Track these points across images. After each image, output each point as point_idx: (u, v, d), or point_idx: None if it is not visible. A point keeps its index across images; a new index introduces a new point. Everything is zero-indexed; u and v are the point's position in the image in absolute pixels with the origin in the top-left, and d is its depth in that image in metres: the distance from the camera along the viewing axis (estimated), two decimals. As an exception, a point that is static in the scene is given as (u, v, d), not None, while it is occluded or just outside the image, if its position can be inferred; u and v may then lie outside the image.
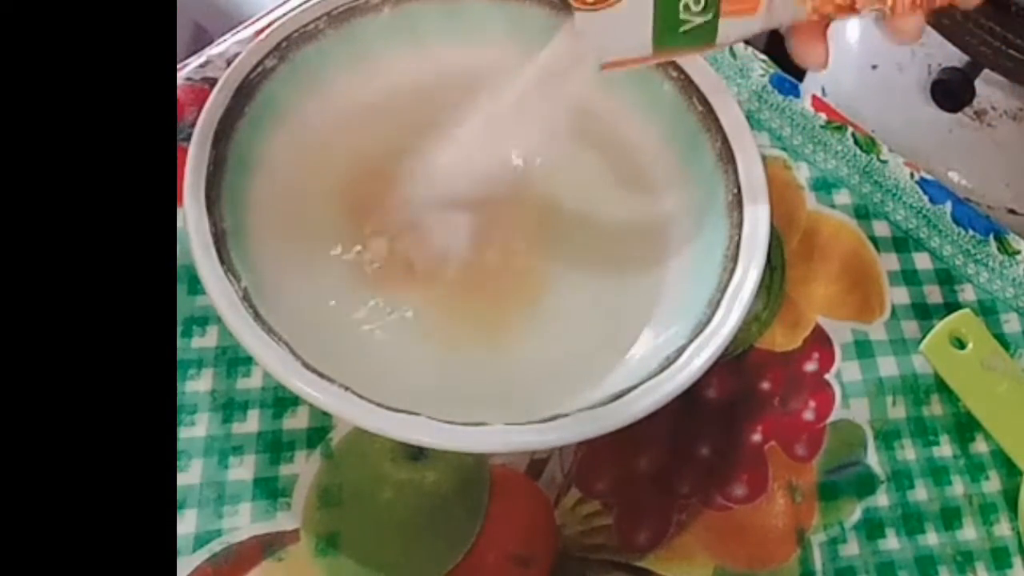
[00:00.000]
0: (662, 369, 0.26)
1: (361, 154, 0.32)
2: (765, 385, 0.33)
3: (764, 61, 0.41)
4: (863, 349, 0.34)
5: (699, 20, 0.24)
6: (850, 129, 0.40)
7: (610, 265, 0.32)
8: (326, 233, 0.31)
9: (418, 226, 0.31)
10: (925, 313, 0.36)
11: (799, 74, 0.59)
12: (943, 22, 0.45)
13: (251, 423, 0.29)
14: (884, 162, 0.39)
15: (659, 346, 0.28)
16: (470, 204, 0.31)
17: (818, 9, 0.24)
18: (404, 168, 0.31)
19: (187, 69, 0.36)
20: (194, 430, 0.29)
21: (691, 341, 0.27)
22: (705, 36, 0.25)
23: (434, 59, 0.34)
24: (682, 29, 0.25)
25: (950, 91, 0.47)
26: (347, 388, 0.24)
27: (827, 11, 0.24)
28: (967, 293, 0.37)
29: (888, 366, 0.34)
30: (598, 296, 0.31)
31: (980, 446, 0.33)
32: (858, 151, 0.39)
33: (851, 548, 0.30)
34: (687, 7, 0.24)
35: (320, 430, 0.30)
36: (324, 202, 0.31)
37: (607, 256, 0.32)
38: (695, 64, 0.32)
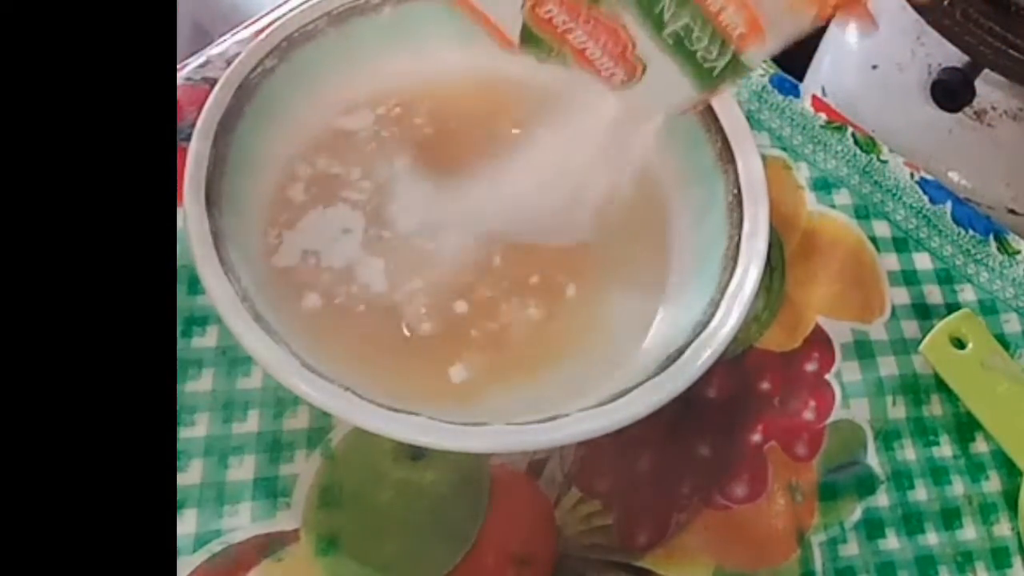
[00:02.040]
0: (662, 369, 0.26)
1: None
2: (765, 385, 0.33)
3: (764, 61, 0.41)
4: (863, 349, 0.34)
5: (722, 62, 0.25)
6: (850, 129, 0.40)
7: (609, 265, 0.32)
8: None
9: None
10: (925, 313, 0.36)
11: (799, 74, 0.59)
12: (943, 22, 0.45)
13: (251, 423, 0.29)
14: (884, 162, 0.39)
15: (659, 346, 0.28)
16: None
17: (819, 12, 0.25)
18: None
19: (187, 69, 0.36)
20: (194, 430, 0.29)
21: (691, 341, 0.27)
22: (737, 70, 0.26)
23: (435, 59, 0.34)
24: (714, 74, 0.25)
25: (950, 91, 0.47)
26: (347, 388, 0.24)
27: (827, 12, 0.25)
28: (967, 293, 0.37)
29: (888, 366, 0.34)
30: (597, 295, 0.31)
31: (980, 446, 0.33)
32: (858, 151, 0.39)
33: (851, 548, 0.30)
34: (705, 59, 0.25)
35: (320, 430, 0.30)
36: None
37: (606, 256, 0.32)
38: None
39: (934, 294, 0.36)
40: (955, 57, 0.46)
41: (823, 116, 0.40)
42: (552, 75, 0.33)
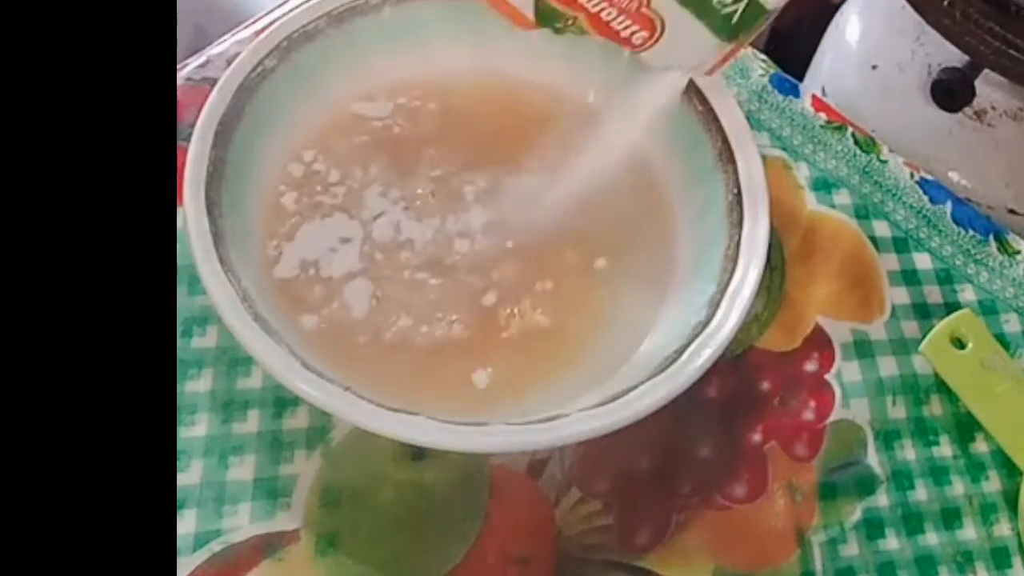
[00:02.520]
0: (662, 369, 0.26)
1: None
2: (765, 385, 0.33)
3: (764, 61, 0.41)
4: (863, 349, 0.34)
5: (740, 5, 0.25)
6: (850, 129, 0.40)
7: (609, 265, 0.32)
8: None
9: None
10: (925, 313, 0.36)
11: (799, 74, 0.59)
12: (943, 22, 0.45)
13: (251, 423, 0.30)
14: (884, 162, 0.39)
15: (659, 346, 0.28)
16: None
17: None
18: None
19: (187, 69, 0.36)
20: (194, 430, 0.29)
21: (691, 341, 0.27)
22: (756, 14, 0.25)
23: (436, 59, 0.34)
24: (733, 21, 0.25)
25: (950, 91, 0.47)
26: (347, 388, 0.24)
27: None
28: (967, 293, 0.37)
29: (888, 366, 0.34)
30: (597, 295, 0.31)
31: (980, 446, 0.33)
32: (858, 151, 0.39)
33: (851, 548, 0.30)
34: (722, 4, 0.25)
35: (320, 430, 0.30)
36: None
37: (606, 256, 0.32)
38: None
39: (934, 294, 0.36)
40: (955, 57, 0.46)
41: (823, 116, 0.40)
42: (553, 73, 0.34)
